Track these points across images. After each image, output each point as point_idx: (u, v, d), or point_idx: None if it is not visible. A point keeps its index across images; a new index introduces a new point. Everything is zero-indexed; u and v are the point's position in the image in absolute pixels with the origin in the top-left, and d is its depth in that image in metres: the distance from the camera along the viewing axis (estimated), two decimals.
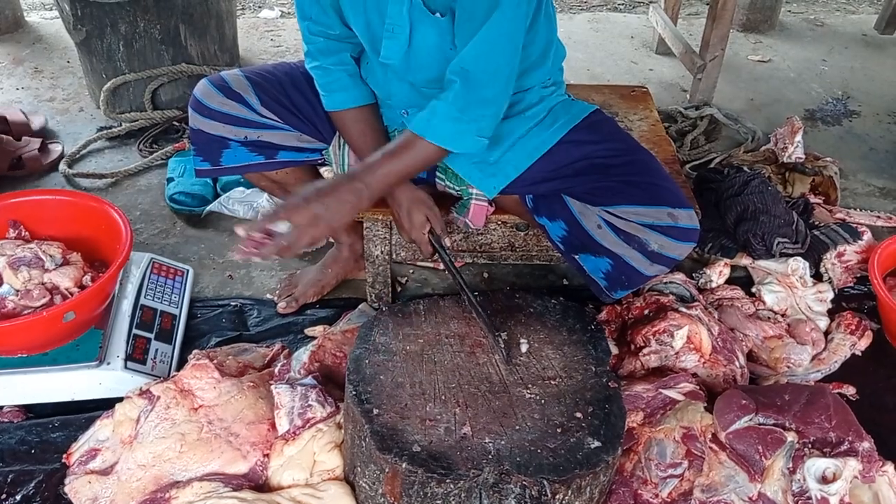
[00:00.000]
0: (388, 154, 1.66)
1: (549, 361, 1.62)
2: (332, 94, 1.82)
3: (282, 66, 1.95)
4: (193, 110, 1.88)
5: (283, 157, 1.93)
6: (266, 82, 1.87)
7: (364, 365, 1.58)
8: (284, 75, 1.91)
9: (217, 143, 1.88)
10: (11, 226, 2.01)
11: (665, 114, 3.16)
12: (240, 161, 1.91)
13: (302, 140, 1.92)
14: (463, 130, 1.63)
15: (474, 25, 1.55)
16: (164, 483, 1.61)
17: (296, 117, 1.89)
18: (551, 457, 1.41)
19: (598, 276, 1.82)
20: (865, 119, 3.33)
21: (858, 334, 2.10)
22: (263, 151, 1.91)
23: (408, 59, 1.69)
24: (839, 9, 4.60)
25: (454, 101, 1.60)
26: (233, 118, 1.85)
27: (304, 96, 1.89)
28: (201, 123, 1.87)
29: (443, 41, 1.64)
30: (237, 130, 1.86)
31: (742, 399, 1.64)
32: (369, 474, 1.46)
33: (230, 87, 1.85)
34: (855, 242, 2.36)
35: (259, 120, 1.86)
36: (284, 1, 4.51)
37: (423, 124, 1.63)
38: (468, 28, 1.57)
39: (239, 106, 1.84)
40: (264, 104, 1.85)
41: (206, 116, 1.86)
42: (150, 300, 2.04)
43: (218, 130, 1.86)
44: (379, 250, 2.07)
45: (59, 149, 2.83)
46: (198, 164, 1.94)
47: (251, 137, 1.88)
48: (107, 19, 2.90)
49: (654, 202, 1.72)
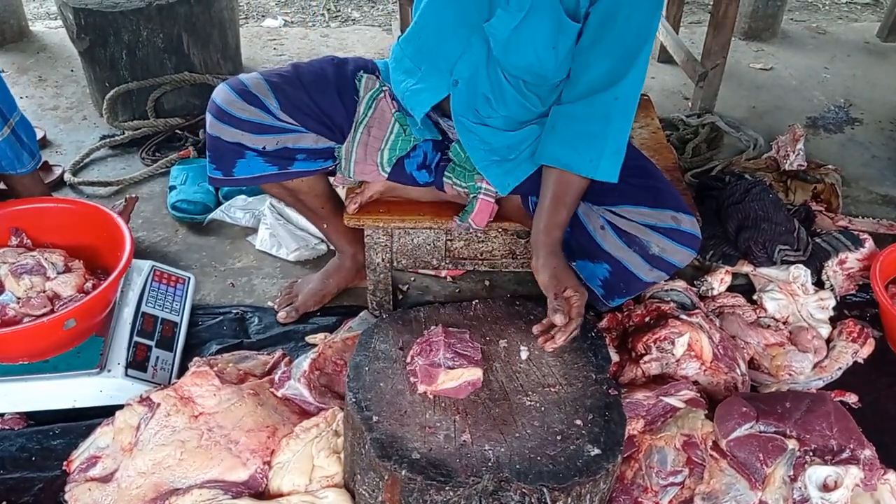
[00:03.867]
0: (558, 204, 1.72)
1: (549, 369, 1.62)
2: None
3: (300, 65, 1.93)
4: (213, 116, 1.85)
5: (297, 167, 1.92)
6: (287, 84, 1.85)
7: (364, 372, 1.58)
8: (304, 75, 1.88)
9: (233, 151, 1.86)
10: (13, 233, 2.02)
11: (666, 121, 3.16)
12: (253, 172, 1.90)
13: (319, 141, 1.90)
14: (619, 160, 1.70)
15: (618, 59, 1.61)
16: (164, 490, 1.61)
17: (313, 119, 1.86)
18: (551, 464, 1.41)
19: (594, 284, 1.83)
20: (867, 127, 3.33)
21: (860, 342, 2.10)
22: (278, 162, 1.89)
23: (508, 39, 1.68)
24: (841, 17, 4.60)
25: (615, 137, 1.66)
26: (252, 125, 1.83)
27: (324, 95, 1.87)
28: (220, 130, 1.85)
29: (550, 37, 1.65)
30: (256, 139, 1.84)
31: (743, 406, 1.64)
32: (369, 481, 1.46)
33: (250, 91, 1.82)
34: (857, 250, 2.35)
35: (278, 125, 1.84)
36: (287, 10, 4.53)
37: (589, 167, 1.67)
38: (609, 56, 1.62)
39: (259, 112, 1.82)
40: (284, 108, 1.83)
41: (226, 123, 1.83)
42: (152, 308, 2.04)
43: (236, 137, 1.84)
44: (380, 258, 2.07)
45: (60, 170, 2.81)
46: (211, 171, 1.93)
47: (269, 147, 1.86)
48: (110, 28, 2.92)
49: (659, 205, 1.74)
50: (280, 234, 2.44)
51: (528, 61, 1.69)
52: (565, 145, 1.69)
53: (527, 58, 1.69)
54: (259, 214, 2.51)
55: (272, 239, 2.45)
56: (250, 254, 2.47)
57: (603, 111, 1.65)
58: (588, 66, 1.65)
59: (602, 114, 1.65)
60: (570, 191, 1.72)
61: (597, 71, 1.64)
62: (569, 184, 1.71)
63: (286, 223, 2.46)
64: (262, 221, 2.49)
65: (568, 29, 1.63)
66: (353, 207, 1.96)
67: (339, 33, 4.08)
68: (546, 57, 1.67)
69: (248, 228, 2.54)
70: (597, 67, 1.64)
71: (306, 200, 2.06)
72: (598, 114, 1.65)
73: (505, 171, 1.83)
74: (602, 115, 1.65)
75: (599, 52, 1.63)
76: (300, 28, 4.21)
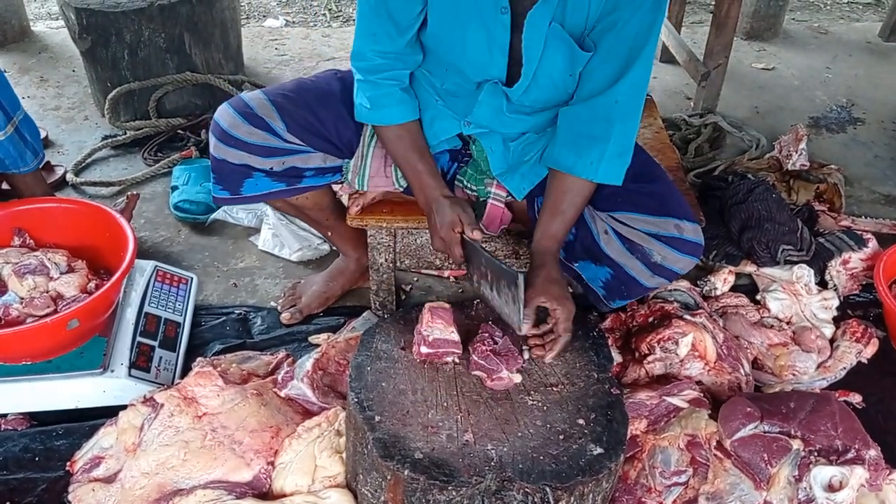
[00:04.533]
0: (556, 212, 1.70)
1: (551, 368, 1.62)
2: (381, 109, 1.75)
3: (304, 82, 1.89)
4: (217, 139, 1.80)
5: (306, 183, 1.90)
6: (291, 104, 1.80)
7: (366, 372, 1.57)
8: (308, 92, 1.84)
9: (240, 173, 1.83)
10: (16, 233, 2.02)
11: (669, 121, 3.16)
12: (261, 190, 1.87)
13: (327, 160, 1.88)
14: (623, 164, 1.69)
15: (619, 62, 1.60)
16: (168, 491, 1.60)
17: (321, 139, 1.83)
18: (554, 463, 1.41)
19: (596, 286, 1.82)
20: (870, 126, 3.33)
21: (864, 342, 2.09)
22: (286, 179, 1.86)
23: (528, 86, 1.69)
24: (843, 16, 4.60)
25: (617, 140, 1.65)
26: (259, 147, 1.79)
27: (330, 112, 1.82)
28: (225, 153, 1.80)
29: (567, 68, 1.66)
30: (263, 161, 1.81)
31: (747, 406, 1.64)
32: (371, 481, 1.46)
33: (255, 113, 1.78)
34: (860, 250, 2.35)
35: (285, 147, 1.81)
36: (289, 10, 4.53)
37: (590, 169, 1.66)
38: (610, 59, 1.61)
39: (265, 134, 1.78)
40: (290, 130, 1.79)
41: (231, 146, 1.79)
42: (155, 308, 2.04)
43: (243, 160, 1.80)
44: (383, 258, 2.06)
45: (62, 170, 2.81)
46: (216, 192, 1.89)
47: (276, 168, 1.83)
48: (112, 28, 2.92)
49: (663, 213, 1.73)
50: (283, 234, 2.44)
51: (549, 94, 1.71)
52: (566, 147, 1.69)
53: (548, 92, 1.71)
54: (262, 214, 2.51)
55: (275, 239, 2.45)
56: (253, 254, 2.47)
57: (604, 114, 1.64)
58: (591, 70, 1.65)
59: (603, 116, 1.64)
60: (571, 197, 1.70)
61: (598, 74, 1.64)
62: (569, 189, 1.70)
63: (289, 223, 2.46)
64: (264, 222, 2.49)
65: (581, 58, 1.64)
66: (355, 209, 1.96)
67: (340, 33, 4.08)
68: (565, 84, 1.69)
69: (251, 228, 2.54)
70: (599, 71, 1.63)
71: (311, 214, 2.06)
72: (598, 116, 1.65)
73: (521, 174, 1.83)
74: (603, 118, 1.64)
75: (601, 57, 1.62)
76: (301, 28, 4.21)
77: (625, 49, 1.60)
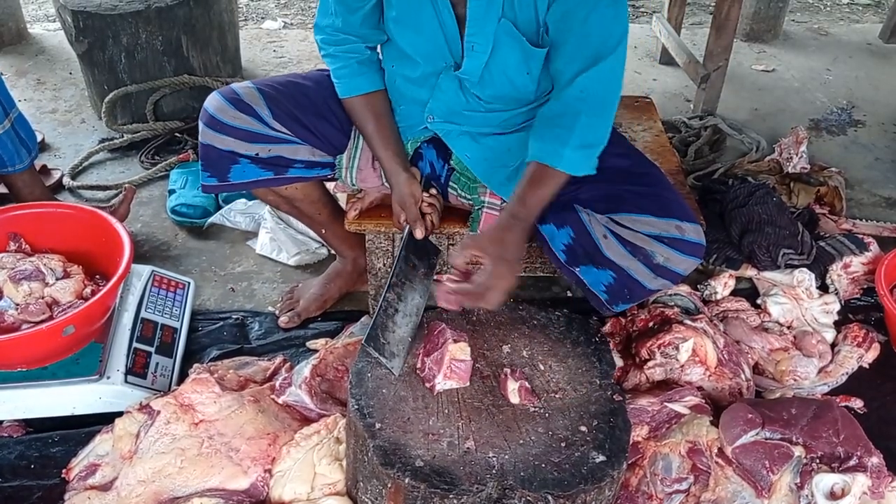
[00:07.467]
0: (529, 187, 1.71)
1: (552, 374, 1.60)
2: (339, 80, 1.85)
3: (294, 78, 1.94)
4: (205, 125, 1.84)
5: (293, 173, 1.91)
6: (278, 94, 1.85)
7: (366, 378, 1.56)
8: (296, 87, 1.89)
9: (227, 158, 1.85)
10: (11, 238, 2.00)
11: (669, 124, 3.14)
12: (248, 177, 1.89)
13: (315, 154, 1.90)
14: (588, 156, 1.70)
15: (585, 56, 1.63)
16: (164, 499, 1.59)
17: (308, 131, 1.86)
18: (555, 471, 1.39)
19: (598, 290, 1.81)
20: (870, 129, 3.32)
21: (865, 346, 2.08)
22: (273, 167, 1.88)
23: (482, 77, 1.75)
24: (843, 18, 4.60)
25: (581, 131, 1.66)
26: (245, 132, 1.82)
27: (317, 108, 1.88)
28: (212, 138, 1.84)
29: (522, 65, 1.72)
30: (249, 146, 1.84)
31: (748, 413, 1.62)
32: (372, 489, 1.45)
33: (242, 99, 1.82)
34: (861, 253, 2.34)
35: (271, 134, 1.84)
36: (287, 12, 4.51)
37: (553, 156, 1.68)
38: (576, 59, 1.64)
39: (251, 119, 1.82)
40: (276, 117, 1.83)
41: (218, 131, 1.82)
42: (151, 313, 2.02)
43: (229, 145, 1.83)
44: (382, 262, 2.05)
45: (59, 174, 2.79)
46: (205, 179, 1.91)
47: (262, 154, 1.85)
48: (108, 31, 2.90)
49: (663, 214, 1.73)
50: (280, 238, 2.43)
51: (506, 90, 1.77)
52: (534, 135, 1.73)
53: (503, 88, 1.76)
54: (259, 218, 2.50)
55: (272, 243, 2.44)
56: (250, 258, 2.46)
57: (570, 106, 1.67)
58: (560, 70, 1.69)
59: (570, 108, 1.67)
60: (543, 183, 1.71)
61: (567, 74, 1.67)
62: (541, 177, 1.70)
63: (286, 227, 2.45)
64: (262, 225, 2.48)
65: (535, 55, 1.69)
66: (353, 213, 1.95)
67: None
68: (522, 82, 1.75)
69: (249, 233, 2.53)
70: (567, 71, 1.67)
71: (302, 207, 2.05)
72: (566, 109, 1.68)
73: (506, 177, 1.83)
74: (570, 111, 1.67)
75: (567, 57, 1.66)
76: (300, 30, 4.20)
77: (590, 48, 1.63)
